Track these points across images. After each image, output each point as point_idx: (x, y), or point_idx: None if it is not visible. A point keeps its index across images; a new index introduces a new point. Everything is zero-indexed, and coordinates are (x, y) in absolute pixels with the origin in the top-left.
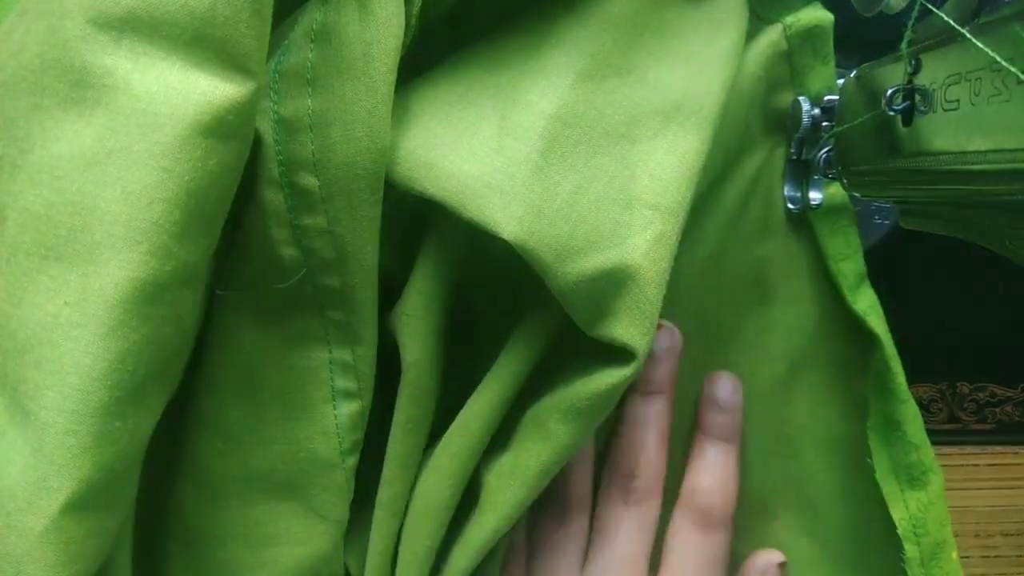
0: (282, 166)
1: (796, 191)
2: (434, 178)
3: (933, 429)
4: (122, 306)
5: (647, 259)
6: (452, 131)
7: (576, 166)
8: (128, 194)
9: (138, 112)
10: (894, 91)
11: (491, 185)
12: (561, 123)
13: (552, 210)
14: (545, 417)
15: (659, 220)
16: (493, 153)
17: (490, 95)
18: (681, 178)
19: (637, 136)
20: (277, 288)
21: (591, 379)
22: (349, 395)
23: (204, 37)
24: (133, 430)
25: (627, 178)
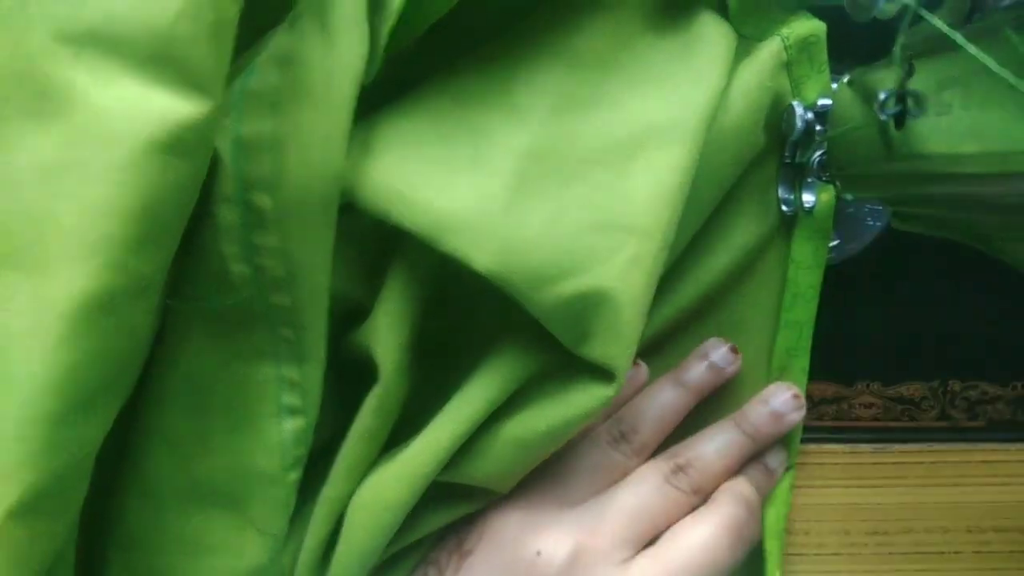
0: (238, 184)
1: (789, 193)
2: (409, 212)
3: (925, 427)
4: (75, 317)
5: (621, 281)
6: (426, 165)
7: (549, 197)
8: (84, 207)
9: (96, 126)
10: (887, 95)
11: (465, 221)
12: (532, 159)
13: (525, 242)
14: (523, 434)
15: (633, 242)
16: (466, 189)
17: (462, 130)
18: (657, 197)
19: (611, 161)
20: (227, 304)
21: (573, 397)
22: (294, 411)
23: (163, 55)
24: (82, 438)
25: (601, 203)
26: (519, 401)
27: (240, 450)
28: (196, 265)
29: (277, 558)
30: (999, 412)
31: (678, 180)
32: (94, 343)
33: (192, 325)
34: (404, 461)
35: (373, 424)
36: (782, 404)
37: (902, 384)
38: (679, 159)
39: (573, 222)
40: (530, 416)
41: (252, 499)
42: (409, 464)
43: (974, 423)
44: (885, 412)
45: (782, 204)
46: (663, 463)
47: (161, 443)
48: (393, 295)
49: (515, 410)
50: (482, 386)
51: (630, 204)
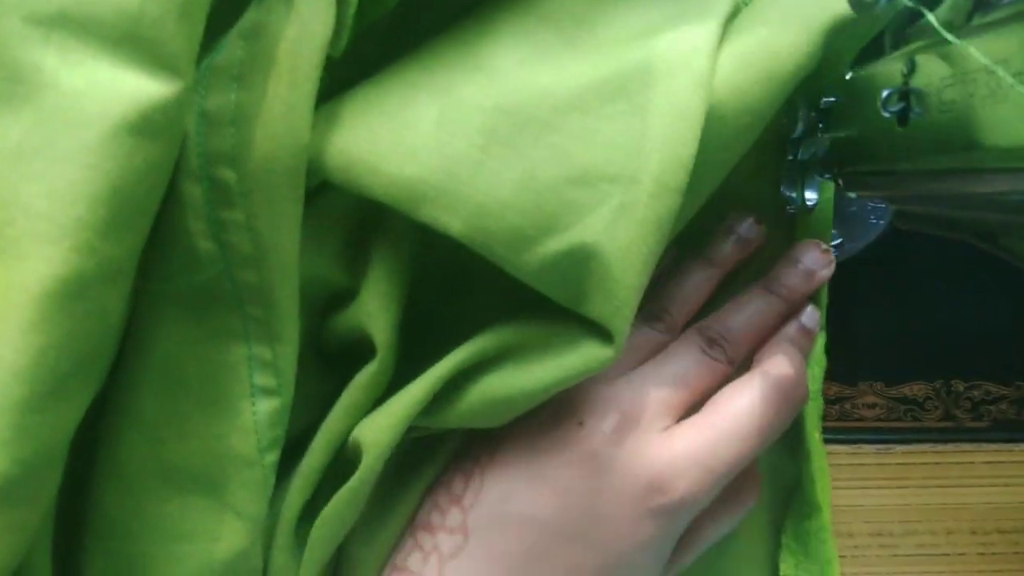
0: (201, 159)
1: (792, 191)
2: (379, 183)
3: (928, 427)
4: (44, 301)
5: (607, 235)
6: (392, 133)
7: (521, 153)
8: (53, 190)
9: (64, 109)
10: (890, 93)
11: (435, 187)
12: (501, 113)
13: (499, 203)
14: (503, 391)
15: (619, 192)
16: (433, 153)
17: (427, 93)
18: (645, 141)
19: (588, 107)
20: (195, 282)
21: (565, 357)
22: (268, 392)
23: (133, 36)
24: (53, 425)
25: (579, 153)
26: (508, 358)
27: (214, 433)
28: (163, 243)
29: (258, 541)
30: (1003, 412)
31: (667, 120)
32: (64, 328)
33: (162, 307)
34: (381, 411)
35: (360, 399)
36: (813, 261)
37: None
38: (685, 96)
39: (550, 176)
40: (516, 373)
41: (229, 483)
42: (385, 413)
43: (978, 423)
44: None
45: (785, 202)
46: (697, 336)
47: (134, 428)
48: (381, 272)
49: (501, 366)
50: (466, 346)
51: (615, 151)
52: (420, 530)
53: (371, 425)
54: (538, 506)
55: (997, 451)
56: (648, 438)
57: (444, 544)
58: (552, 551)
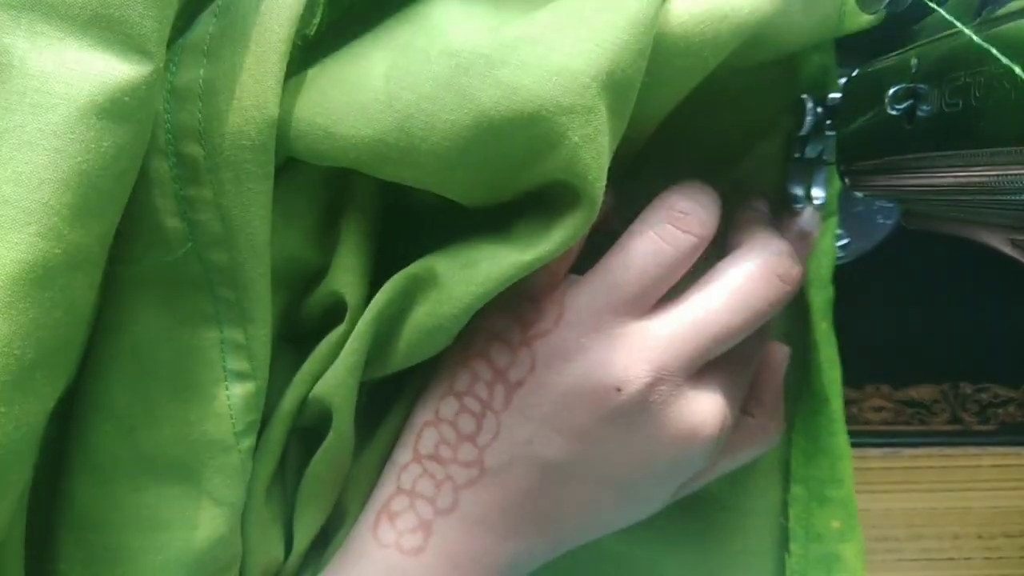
0: (169, 134)
1: (799, 189)
2: (337, 147)
3: (935, 430)
4: (10, 288)
5: (569, 172)
6: (343, 93)
7: (471, 96)
8: (19, 174)
9: (31, 91)
10: (896, 90)
11: (393, 146)
12: (447, 56)
13: (459, 152)
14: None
15: (578, 125)
16: (385, 110)
17: (379, 49)
18: (600, 64)
19: (540, 36)
20: (164, 263)
21: (487, 267)
22: (242, 376)
23: (102, 18)
24: (19, 416)
25: (531, 85)
26: (430, 286)
27: (188, 419)
28: (130, 223)
29: (237, 528)
30: (1010, 415)
31: (622, 41)
32: (29, 316)
33: (131, 291)
34: (335, 367)
35: (324, 365)
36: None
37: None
38: (621, 17)
39: (503, 117)
40: (439, 300)
41: (205, 469)
42: (338, 366)
43: (985, 426)
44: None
45: (792, 201)
46: None
47: (107, 417)
48: (351, 243)
49: (426, 297)
50: (391, 280)
51: (564, 78)
52: (427, 460)
53: (331, 383)
54: (563, 452)
55: (1004, 454)
56: (681, 394)
57: (457, 474)
58: (568, 490)
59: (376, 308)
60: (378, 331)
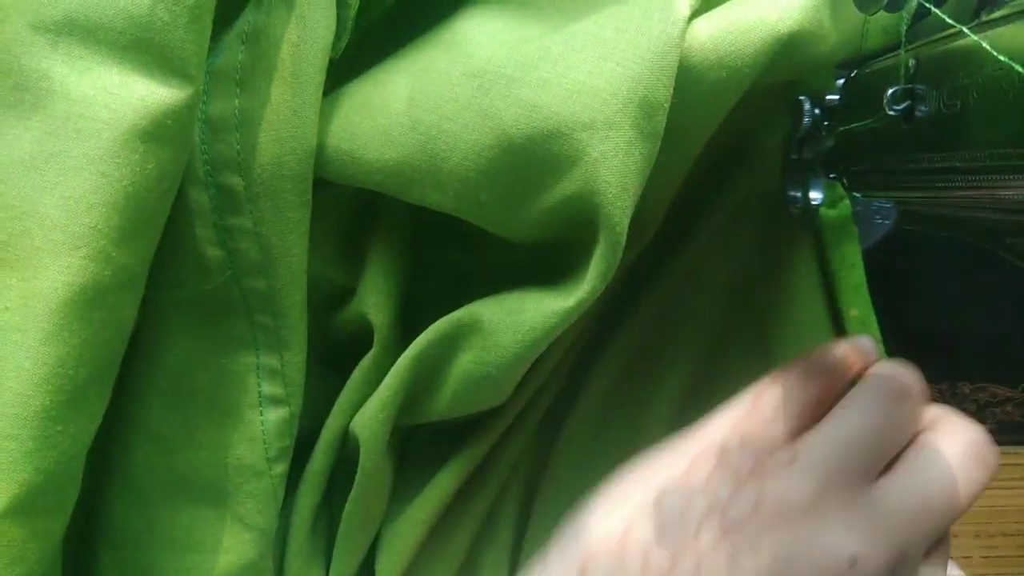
0: (207, 165)
1: (796, 191)
2: (363, 171)
3: None
4: (62, 310)
5: (588, 188)
6: (366, 117)
7: (492, 115)
8: (66, 199)
9: (75, 117)
10: (895, 91)
11: (418, 168)
12: (468, 78)
13: (480, 173)
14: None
15: (597, 141)
16: (408, 133)
17: (401, 73)
18: (621, 83)
19: (559, 55)
20: (204, 290)
21: (529, 316)
22: (276, 401)
23: (142, 42)
24: (75, 434)
25: (550, 103)
26: (476, 334)
27: (223, 443)
28: (171, 251)
29: (267, 554)
30: (1008, 414)
31: (643, 62)
32: (82, 337)
33: (170, 316)
34: (370, 401)
35: (360, 395)
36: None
37: None
38: (641, 38)
39: (523, 135)
40: (486, 348)
41: (237, 493)
42: (373, 401)
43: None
44: None
45: (789, 202)
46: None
47: (145, 438)
48: (379, 264)
49: (471, 345)
50: (434, 324)
51: (583, 96)
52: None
53: (362, 416)
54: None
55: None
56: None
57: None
58: None
59: (417, 349)
60: (418, 373)
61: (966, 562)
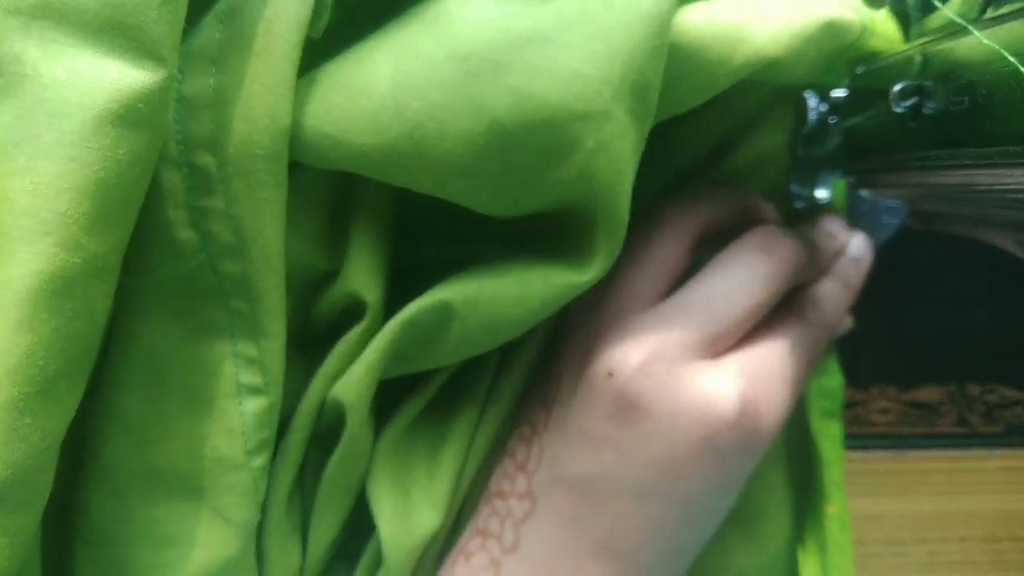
0: (180, 145)
1: (802, 188)
2: (346, 155)
3: (941, 432)
4: (31, 299)
5: (585, 178)
6: (349, 100)
7: (482, 103)
8: (36, 184)
9: (46, 101)
10: (901, 87)
11: (403, 153)
12: (455, 61)
13: (471, 160)
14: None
15: (592, 131)
16: (393, 118)
17: (383, 52)
18: (613, 66)
19: (547, 36)
20: (177, 274)
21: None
22: (255, 391)
23: (114, 24)
24: (45, 427)
25: (543, 91)
26: (473, 306)
27: (199, 434)
28: (142, 234)
29: (249, 550)
30: (1018, 416)
31: (634, 42)
32: (51, 326)
33: (144, 302)
34: (355, 365)
35: (342, 365)
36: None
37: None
38: (632, 15)
39: (516, 123)
40: (485, 317)
41: (215, 486)
42: (358, 364)
43: (992, 428)
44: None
45: (795, 199)
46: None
47: (119, 429)
48: (363, 245)
49: (469, 314)
50: (430, 292)
51: (576, 84)
52: (495, 497)
53: (348, 381)
54: (590, 464)
55: (1011, 457)
56: (688, 369)
57: (516, 509)
58: (611, 508)
59: (408, 314)
60: (408, 337)
61: (974, 567)
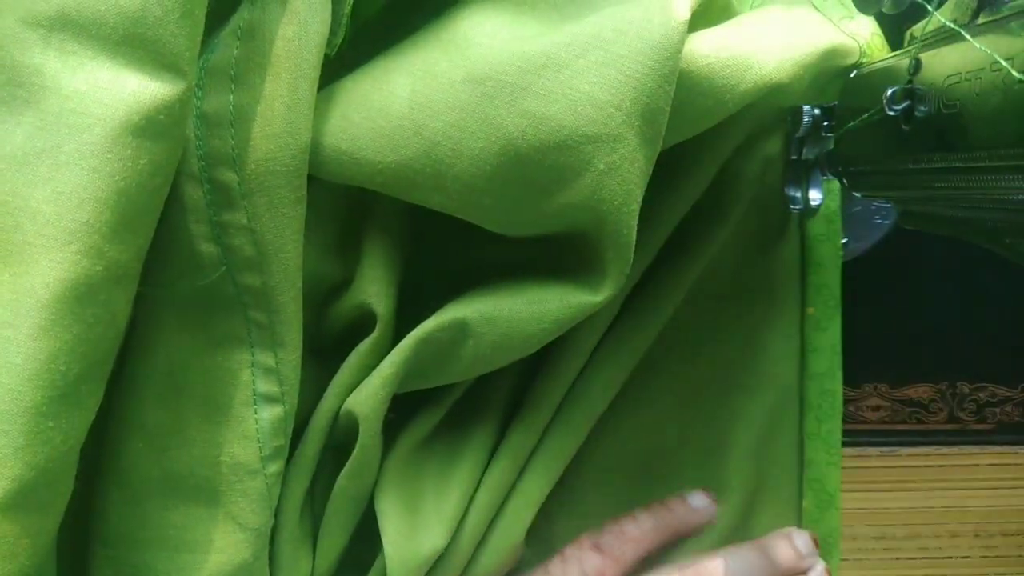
0: (202, 161)
1: (796, 191)
2: (364, 172)
3: (933, 429)
4: (54, 305)
5: (595, 198)
6: (367, 119)
7: (498, 124)
8: (58, 194)
9: (67, 112)
10: (894, 91)
11: (420, 172)
12: (472, 84)
13: (485, 179)
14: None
15: (603, 153)
16: (411, 137)
17: (401, 73)
18: (625, 93)
19: (562, 61)
20: (198, 286)
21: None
22: (271, 399)
23: (134, 37)
24: (67, 430)
25: (558, 115)
26: (489, 323)
27: (216, 441)
28: (164, 247)
29: (262, 555)
30: (1008, 414)
31: (645, 68)
32: (74, 332)
33: (164, 313)
34: (369, 379)
35: (356, 377)
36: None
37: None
38: (643, 43)
39: (530, 145)
40: (501, 335)
41: (231, 492)
42: (372, 377)
43: (983, 425)
44: (893, 414)
45: (789, 203)
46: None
47: (138, 435)
48: (375, 256)
49: (485, 331)
50: (446, 308)
51: (590, 109)
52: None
53: (361, 394)
54: None
55: (1002, 453)
56: None
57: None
58: None
59: (424, 331)
60: (424, 354)
61: (965, 562)
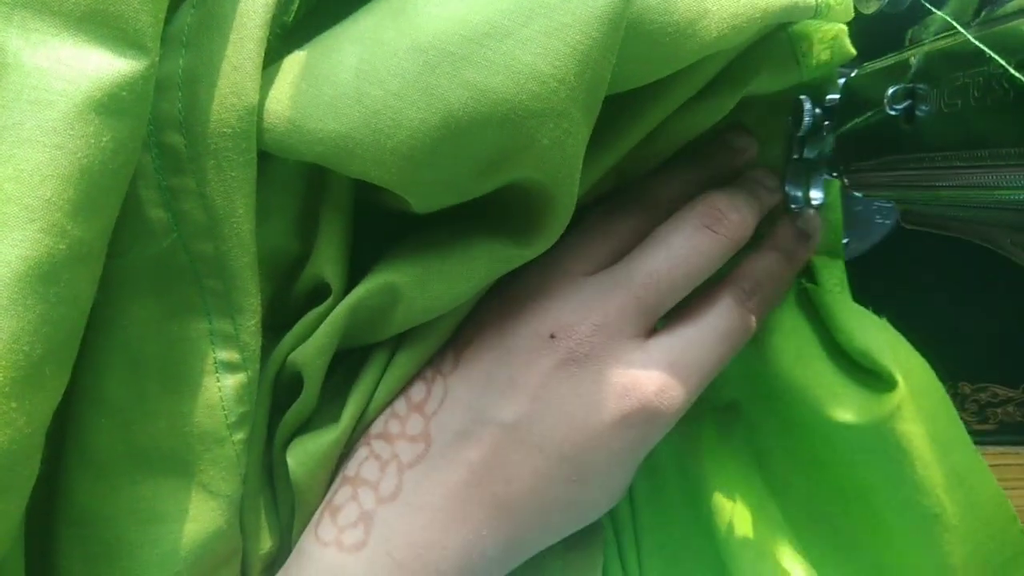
0: (151, 124)
1: (797, 190)
2: (304, 141)
3: None
4: (16, 284)
5: (538, 172)
6: (314, 87)
7: (439, 95)
8: (20, 172)
9: (29, 89)
10: (895, 90)
11: (359, 142)
12: (414, 52)
13: (424, 153)
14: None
15: (547, 129)
16: (353, 105)
17: (351, 41)
18: (569, 65)
19: (506, 29)
20: (150, 254)
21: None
22: (233, 367)
23: (97, 13)
24: (30, 412)
25: (500, 88)
26: (420, 284)
27: (180, 411)
28: (118, 215)
29: (234, 521)
30: (1009, 414)
31: (589, 38)
32: (37, 312)
33: (120, 284)
34: (314, 335)
35: (305, 333)
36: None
37: None
38: (586, 9)
39: (471, 119)
40: (438, 285)
41: (199, 461)
42: (317, 335)
43: (984, 425)
44: None
45: (790, 202)
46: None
47: (101, 411)
48: (331, 231)
49: (417, 292)
50: (380, 269)
51: (534, 83)
52: (376, 439)
53: (303, 354)
54: (507, 411)
55: (1003, 454)
56: (622, 345)
57: (404, 452)
58: (517, 459)
59: (357, 298)
60: (357, 319)
61: None
